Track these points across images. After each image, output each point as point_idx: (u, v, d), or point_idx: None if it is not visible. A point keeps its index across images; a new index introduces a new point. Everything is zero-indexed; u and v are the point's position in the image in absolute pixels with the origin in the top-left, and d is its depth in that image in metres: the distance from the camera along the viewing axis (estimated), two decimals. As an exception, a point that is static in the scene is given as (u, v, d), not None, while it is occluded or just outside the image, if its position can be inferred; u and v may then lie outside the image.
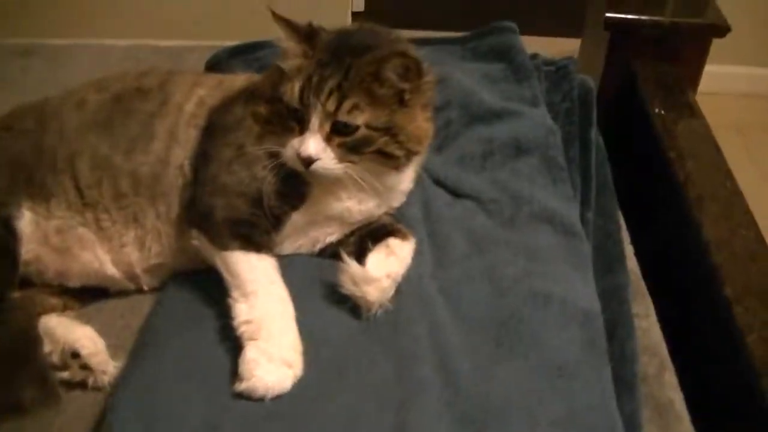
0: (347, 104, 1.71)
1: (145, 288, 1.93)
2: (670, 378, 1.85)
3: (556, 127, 2.24)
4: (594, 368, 1.69)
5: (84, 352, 1.74)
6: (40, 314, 1.83)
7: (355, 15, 4.63)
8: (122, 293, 1.94)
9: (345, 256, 1.76)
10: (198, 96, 1.96)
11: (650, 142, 2.41)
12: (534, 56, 2.48)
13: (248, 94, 1.88)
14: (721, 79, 3.85)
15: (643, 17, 2.64)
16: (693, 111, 2.50)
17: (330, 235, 1.89)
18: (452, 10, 4.66)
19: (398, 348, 1.68)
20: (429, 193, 2.06)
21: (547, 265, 1.88)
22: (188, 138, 1.89)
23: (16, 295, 1.85)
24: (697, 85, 2.75)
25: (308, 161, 1.71)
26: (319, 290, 1.78)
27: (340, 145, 1.73)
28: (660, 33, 2.66)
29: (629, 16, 2.65)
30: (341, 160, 1.73)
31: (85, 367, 1.74)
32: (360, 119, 1.72)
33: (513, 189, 2.06)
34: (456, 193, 2.08)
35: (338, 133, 1.72)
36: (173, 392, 1.59)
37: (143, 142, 1.90)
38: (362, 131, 1.73)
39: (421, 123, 1.82)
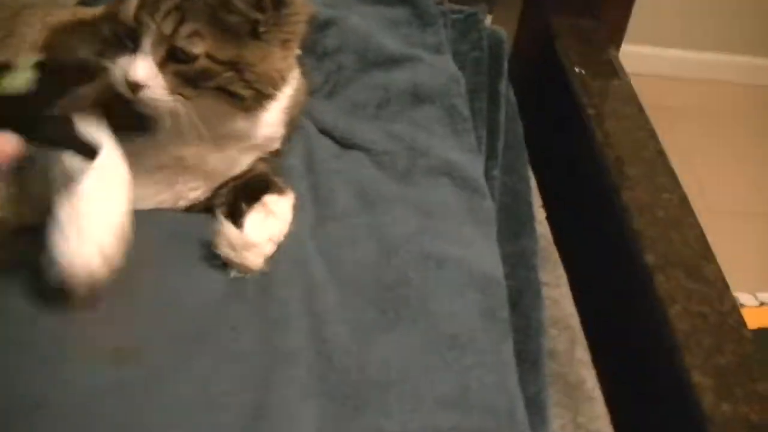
0: (186, 29, 1.47)
1: None
2: (582, 354, 1.69)
3: (461, 75, 2.05)
4: (492, 340, 1.49)
5: None
6: None
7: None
8: None
9: (220, 216, 1.55)
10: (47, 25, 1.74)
11: (568, 101, 2.27)
12: (440, 2, 2.30)
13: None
14: (643, 61, 3.74)
15: (564, -35, 2.47)
16: (614, 69, 2.36)
17: (194, 189, 1.66)
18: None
19: (266, 314, 1.46)
20: (312, 143, 1.85)
21: (444, 223, 1.68)
22: None
23: None
24: (620, 43, 2.58)
25: (135, 86, 1.48)
26: (179, 248, 1.55)
27: (175, 74, 1.49)
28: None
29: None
30: (173, 91, 1.50)
31: None
32: (200, 48, 1.48)
33: (409, 140, 1.86)
34: (345, 144, 1.88)
35: (174, 59, 1.49)
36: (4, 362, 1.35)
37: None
38: (202, 62, 1.49)
39: (276, 62, 1.59)
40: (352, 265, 1.58)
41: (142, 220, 1.48)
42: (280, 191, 1.63)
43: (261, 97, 1.57)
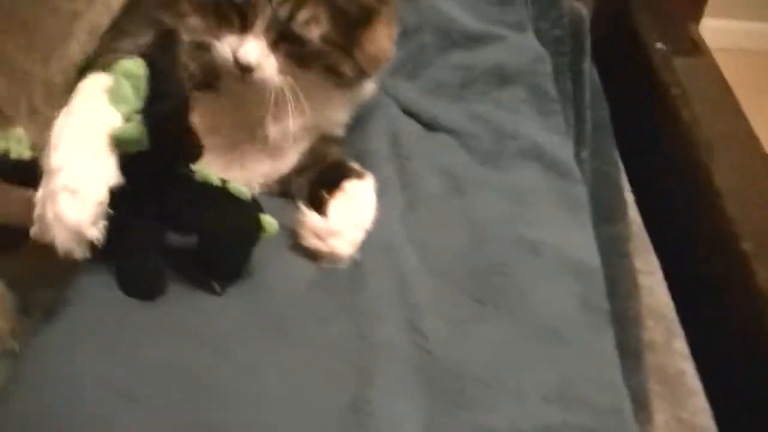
0: (303, 14, 1.45)
1: None
2: (680, 345, 1.63)
3: (546, 53, 2.02)
4: (593, 332, 1.45)
5: None
6: None
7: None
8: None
9: (302, 206, 1.52)
10: None
11: (649, 79, 2.20)
12: None
13: None
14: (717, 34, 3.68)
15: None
16: (697, 45, 2.29)
17: (261, 165, 1.63)
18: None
19: (358, 305, 1.42)
20: (398, 125, 1.81)
21: (536, 209, 1.65)
22: None
23: None
24: (700, 18, 2.50)
25: (245, 67, 1.46)
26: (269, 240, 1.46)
27: (286, 55, 1.48)
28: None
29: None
30: (283, 71, 1.49)
31: None
32: (315, 33, 1.47)
33: (495, 122, 1.83)
34: (430, 126, 1.85)
35: (287, 40, 1.47)
36: (89, 356, 1.30)
37: (62, 44, 1.62)
38: (316, 44, 1.48)
39: (383, 41, 1.60)
40: (445, 252, 1.54)
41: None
42: (359, 176, 1.60)
43: (363, 76, 1.58)
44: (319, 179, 1.61)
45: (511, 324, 1.42)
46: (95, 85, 1.41)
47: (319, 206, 1.53)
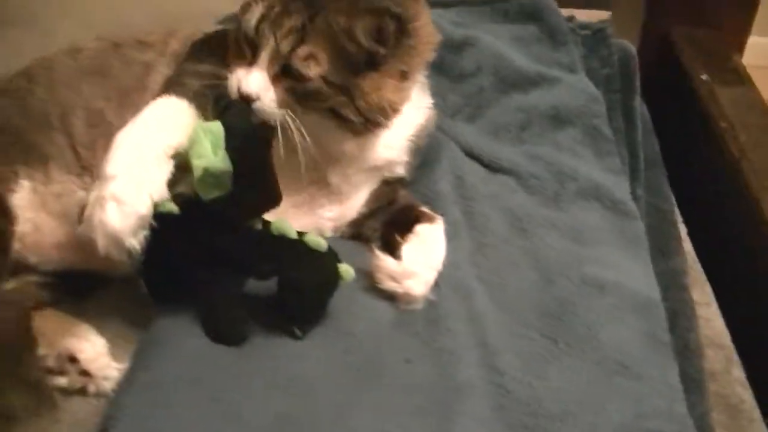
0: (303, 50, 1.52)
1: None
2: (739, 374, 1.69)
3: (599, 94, 2.09)
4: (659, 365, 1.52)
5: (82, 356, 1.56)
6: (33, 309, 1.65)
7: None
8: (123, 283, 1.71)
9: (377, 251, 1.60)
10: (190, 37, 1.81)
11: (694, 113, 2.28)
12: (569, 18, 2.32)
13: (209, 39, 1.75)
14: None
15: (682, -21, 2.49)
16: (740, 77, 2.36)
17: (330, 212, 1.71)
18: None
19: (437, 346, 1.50)
20: (461, 167, 1.89)
21: (599, 248, 1.72)
22: None
23: (8, 286, 1.66)
24: (742, 50, 2.60)
25: (247, 97, 1.53)
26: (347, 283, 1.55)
27: (287, 90, 1.54)
28: (699, -3, 2.51)
29: (667, -21, 2.50)
30: (283, 105, 1.55)
31: (84, 373, 1.56)
32: (314, 71, 1.53)
33: (555, 163, 1.91)
34: (492, 168, 1.92)
35: (289, 76, 1.54)
36: (178, 400, 1.39)
37: (136, 94, 1.72)
38: (316, 83, 1.54)
39: (390, 93, 1.61)
40: (514, 292, 1.62)
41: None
42: (430, 219, 1.66)
43: (370, 124, 1.61)
44: (391, 222, 1.69)
45: (582, 361, 1.49)
46: (163, 106, 1.53)
47: (392, 249, 1.60)
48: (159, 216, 1.48)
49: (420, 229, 1.63)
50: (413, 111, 1.71)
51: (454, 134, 1.97)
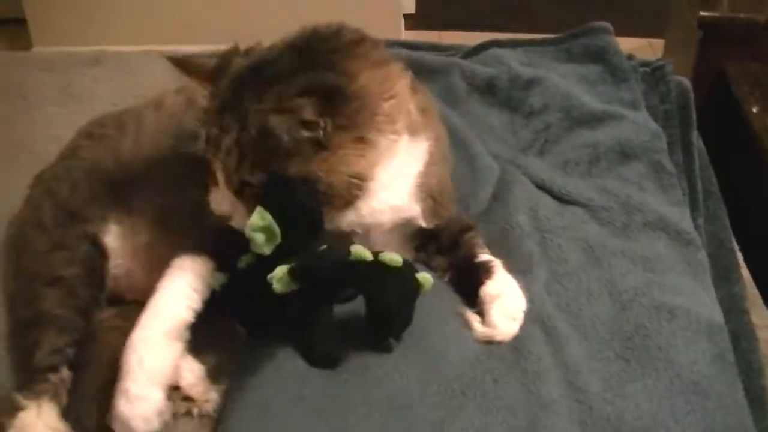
0: (247, 164, 1.55)
1: None
2: None
3: (661, 130, 2.19)
4: (726, 384, 1.63)
5: (184, 383, 1.66)
6: None
7: (407, 17, 4.51)
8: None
9: (466, 313, 1.71)
10: None
11: (748, 145, 2.38)
12: (630, 57, 2.43)
13: None
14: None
15: (738, 15, 2.61)
16: None
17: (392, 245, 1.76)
18: (506, 10, 4.55)
19: (522, 368, 1.62)
20: (534, 199, 2.00)
21: (667, 276, 1.82)
22: None
23: (109, 313, 1.79)
24: None
25: (224, 218, 1.61)
26: (436, 305, 1.70)
27: (252, 198, 1.57)
28: (754, 32, 2.62)
29: (723, 15, 2.62)
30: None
31: (186, 398, 1.66)
32: (263, 176, 1.55)
33: (622, 196, 2.01)
34: (563, 200, 2.02)
35: (247, 187, 1.59)
36: (284, 417, 1.53)
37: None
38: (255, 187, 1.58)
39: (350, 166, 1.58)
40: (591, 317, 1.73)
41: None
42: (488, 272, 1.75)
43: (346, 201, 1.61)
44: (458, 277, 1.80)
45: (656, 380, 1.60)
46: (177, 272, 1.63)
47: (468, 294, 1.74)
48: (243, 270, 1.64)
49: (490, 288, 1.72)
50: (407, 161, 1.71)
51: (525, 168, 2.09)
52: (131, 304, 1.80)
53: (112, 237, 1.82)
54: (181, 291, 1.60)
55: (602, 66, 2.38)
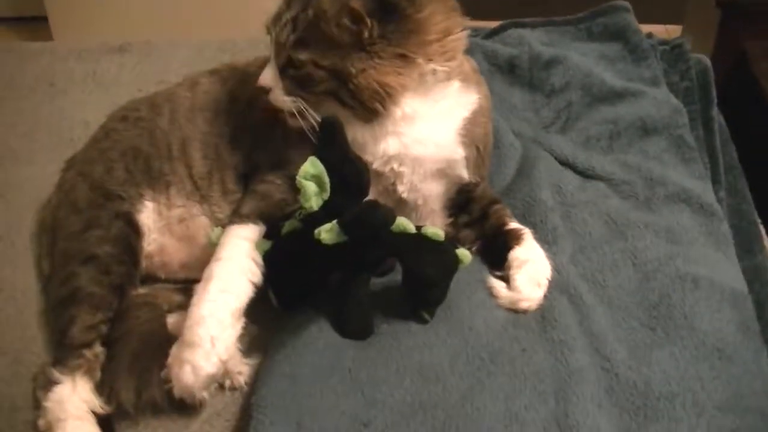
0: (293, 38, 1.68)
1: None
2: None
3: (682, 106, 2.21)
4: (751, 351, 1.66)
5: None
6: (167, 311, 1.81)
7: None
8: None
9: (491, 280, 1.76)
10: None
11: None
12: (649, 35, 2.45)
13: None
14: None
15: (757, -6, 2.61)
16: None
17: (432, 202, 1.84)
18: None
19: (549, 337, 1.65)
20: (557, 175, 2.03)
21: (690, 247, 1.85)
22: None
23: (141, 291, 1.84)
24: None
25: (262, 90, 1.72)
26: (463, 277, 1.73)
27: (291, 78, 1.71)
28: (772, 9, 2.61)
29: (742, -6, 2.61)
30: (290, 93, 1.71)
31: None
32: (304, 55, 1.68)
33: (644, 170, 2.03)
34: (586, 175, 2.05)
35: (290, 65, 1.70)
36: (319, 387, 1.57)
37: (244, 134, 1.89)
38: (309, 68, 1.68)
39: (382, 75, 1.69)
40: (615, 288, 1.76)
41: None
42: (519, 239, 1.80)
43: (367, 109, 1.70)
44: (486, 246, 1.84)
45: (681, 347, 1.63)
46: (237, 241, 1.68)
47: (496, 264, 1.79)
48: (286, 235, 1.68)
49: (518, 254, 1.77)
50: (456, 106, 1.80)
51: (548, 145, 2.12)
52: (165, 282, 1.88)
53: (147, 214, 1.87)
54: (244, 264, 1.65)
55: (622, 44, 2.40)
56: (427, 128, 1.75)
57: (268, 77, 1.72)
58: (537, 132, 2.19)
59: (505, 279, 1.74)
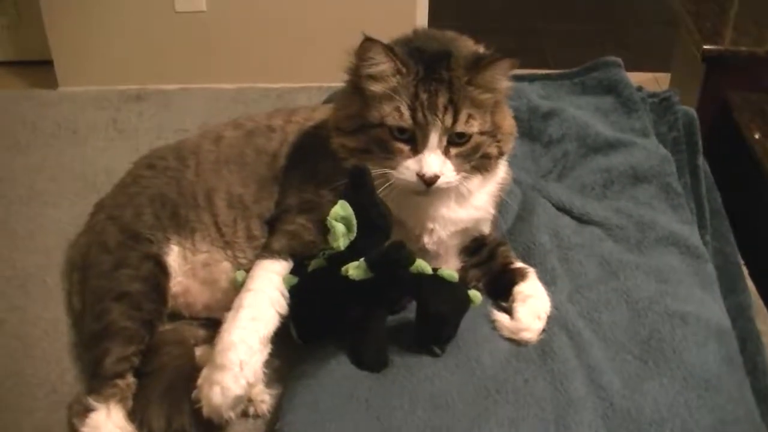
0: (463, 116, 1.77)
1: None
2: None
3: (670, 156, 2.33)
4: (735, 382, 1.78)
5: None
6: (194, 346, 1.92)
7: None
8: None
9: (495, 312, 1.88)
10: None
11: (749, 168, 2.52)
12: (639, 89, 2.59)
13: (314, 137, 1.98)
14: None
15: (740, 49, 2.76)
16: None
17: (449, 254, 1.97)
18: (519, 51, 4.71)
19: (549, 369, 1.78)
20: (555, 221, 2.16)
21: (678, 286, 1.97)
22: None
23: (168, 327, 1.95)
24: None
25: (431, 179, 1.77)
26: (470, 313, 1.84)
27: (457, 156, 1.80)
28: (754, 63, 2.78)
29: (726, 48, 2.77)
30: (458, 170, 1.81)
31: None
32: (475, 127, 1.79)
33: (635, 215, 2.15)
34: (581, 220, 2.18)
35: (453, 144, 1.79)
36: (338, 415, 1.68)
37: (270, 185, 1.99)
38: (475, 138, 1.80)
39: (510, 120, 1.91)
40: (610, 324, 1.89)
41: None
42: (524, 276, 1.93)
43: (502, 154, 1.89)
44: (493, 281, 1.96)
45: (670, 378, 1.76)
46: (267, 275, 1.78)
47: (501, 301, 1.91)
48: (312, 272, 1.80)
49: (522, 288, 1.90)
50: (497, 172, 1.96)
51: (546, 192, 2.25)
52: (188, 319, 1.99)
53: (173, 257, 1.99)
54: (273, 295, 1.75)
55: (614, 97, 2.53)
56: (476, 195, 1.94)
57: (436, 166, 1.77)
58: (536, 180, 2.32)
59: (509, 311, 1.87)
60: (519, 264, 1.97)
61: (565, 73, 2.71)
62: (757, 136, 2.57)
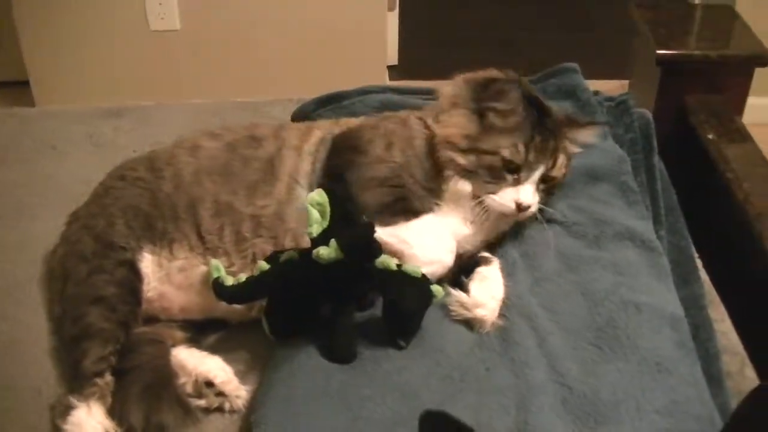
0: (561, 161, 2.08)
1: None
2: (751, 373, 2.03)
3: (626, 156, 2.41)
4: (687, 365, 1.86)
5: (217, 380, 1.88)
6: (170, 347, 1.98)
7: (390, 68, 4.81)
8: (240, 325, 2.07)
9: (450, 288, 1.96)
10: (317, 136, 2.15)
11: (705, 167, 2.60)
12: (596, 93, 2.66)
13: (412, 140, 2.12)
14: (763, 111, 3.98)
15: (693, 52, 2.85)
16: (743, 135, 2.68)
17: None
18: (484, 59, 4.81)
19: (511, 357, 1.86)
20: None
21: (634, 278, 2.05)
22: (310, 173, 2.07)
23: (144, 329, 2.01)
24: (742, 112, 2.94)
25: (527, 208, 2.00)
26: (434, 306, 1.92)
27: (542, 191, 2.07)
28: (708, 66, 2.85)
29: (679, 52, 2.85)
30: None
31: (219, 394, 1.88)
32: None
33: (594, 212, 2.23)
34: (544, 219, 2.22)
35: (543, 181, 2.06)
36: (311, 406, 1.75)
37: (265, 186, 2.06)
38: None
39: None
40: (568, 314, 1.97)
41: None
42: (487, 262, 2.04)
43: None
44: (459, 269, 2.04)
45: (625, 362, 1.84)
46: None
47: (462, 288, 1.98)
48: (282, 265, 1.87)
49: (480, 269, 2.01)
50: None
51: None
52: (164, 322, 2.05)
53: (146, 263, 2.05)
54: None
55: (573, 102, 2.59)
56: None
57: (531, 198, 2.03)
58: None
59: (465, 289, 1.96)
60: (486, 254, 2.07)
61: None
62: (711, 137, 2.64)
